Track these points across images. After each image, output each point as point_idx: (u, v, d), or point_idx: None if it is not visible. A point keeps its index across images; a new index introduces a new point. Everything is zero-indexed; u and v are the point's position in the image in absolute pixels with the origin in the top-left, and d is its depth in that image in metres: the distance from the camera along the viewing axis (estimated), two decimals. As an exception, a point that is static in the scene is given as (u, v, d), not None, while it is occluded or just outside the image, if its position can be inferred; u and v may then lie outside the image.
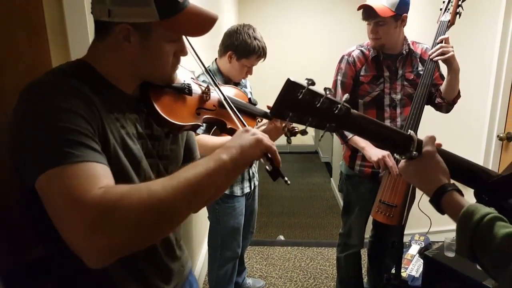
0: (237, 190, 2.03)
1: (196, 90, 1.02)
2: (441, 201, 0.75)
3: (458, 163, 0.83)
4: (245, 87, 2.07)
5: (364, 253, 2.35)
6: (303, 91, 0.65)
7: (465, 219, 0.69)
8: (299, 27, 5.85)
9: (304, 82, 0.66)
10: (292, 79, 0.65)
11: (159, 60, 0.81)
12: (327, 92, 0.68)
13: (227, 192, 1.97)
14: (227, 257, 2.06)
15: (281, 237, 3.64)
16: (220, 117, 1.09)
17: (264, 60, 1.89)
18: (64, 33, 1.14)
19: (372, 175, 1.95)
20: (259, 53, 1.82)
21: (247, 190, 2.05)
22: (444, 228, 3.06)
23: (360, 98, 1.90)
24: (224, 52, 1.85)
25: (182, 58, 0.87)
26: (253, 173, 2.13)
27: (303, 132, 0.77)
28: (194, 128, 0.99)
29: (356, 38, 2.12)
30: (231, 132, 1.10)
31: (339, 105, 0.68)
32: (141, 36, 0.77)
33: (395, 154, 0.83)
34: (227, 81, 1.90)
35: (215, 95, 1.07)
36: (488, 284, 1.88)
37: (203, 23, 0.80)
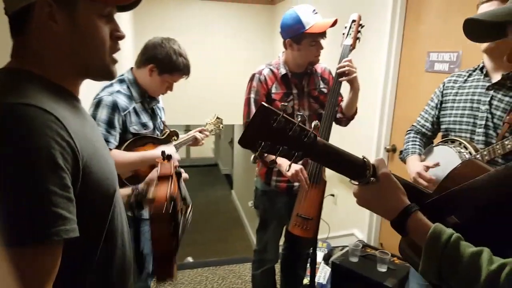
0: (146, 213, 1.85)
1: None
2: (407, 222, 0.75)
3: (402, 184, 0.84)
4: (159, 109, 1.92)
5: (277, 266, 2.38)
6: (278, 118, 0.62)
7: (434, 240, 0.70)
8: (198, 39, 5.75)
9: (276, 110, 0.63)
10: (265, 105, 0.61)
11: (94, 38, 0.72)
12: (299, 119, 0.65)
13: (129, 214, 1.78)
14: None
15: (190, 259, 3.50)
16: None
17: (187, 78, 1.81)
18: None
19: (287, 189, 2.00)
20: (184, 71, 1.75)
21: None
22: (341, 233, 3.32)
23: None
24: (144, 64, 1.72)
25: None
26: None
27: (255, 159, 0.71)
28: None
29: (262, 56, 2.17)
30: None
31: (308, 133, 0.66)
32: (68, 12, 0.68)
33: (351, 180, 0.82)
34: (144, 93, 1.76)
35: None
36: (389, 284, 2.08)
37: None
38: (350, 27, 1.96)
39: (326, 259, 2.81)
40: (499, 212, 0.75)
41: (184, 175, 1.18)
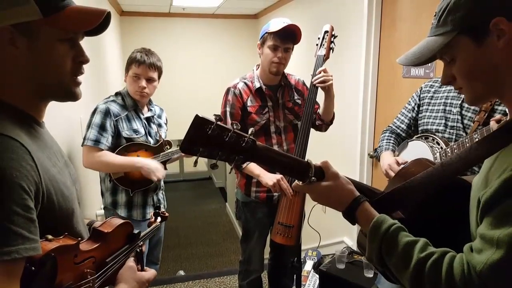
0: (137, 215, 1.98)
1: None
2: (356, 212, 0.82)
3: (354, 184, 0.90)
4: (157, 121, 2.13)
5: (264, 276, 2.38)
6: (212, 126, 0.67)
7: (376, 227, 0.77)
8: (185, 55, 5.81)
9: (212, 118, 0.68)
10: (200, 115, 0.67)
11: (53, 63, 0.76)
12: (235, 127, 0.71)
13: (124, 214, 1.97)
14: None
15: (181, 272, 3.49)
16: None
17: (148, 68, 1.96)
18: None
19: (267, 199, 2.02)
20: (137, 59, 1.94)
21: (149, 216, 1.93)
22: (331, 241, 3.33)
23: (250, 127, 1.97)
24: (125, 76, 2.02)
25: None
26: (158, 199, 2.06)
27: (214, 166, 0.78)
28: None
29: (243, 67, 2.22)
30: None
31: (245, 138, 0.71)
32: (28, 38, 0.72)
33: (296, 180, 0.87)
34: (134, 102, 2.02)
35: None
36: (374, 289, 2.09)
37: (90, 15, 0.79)
38: (323, 38, 2.01)
39: (315, 267, 2.81)
40: (436, 206, 0.79)
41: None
